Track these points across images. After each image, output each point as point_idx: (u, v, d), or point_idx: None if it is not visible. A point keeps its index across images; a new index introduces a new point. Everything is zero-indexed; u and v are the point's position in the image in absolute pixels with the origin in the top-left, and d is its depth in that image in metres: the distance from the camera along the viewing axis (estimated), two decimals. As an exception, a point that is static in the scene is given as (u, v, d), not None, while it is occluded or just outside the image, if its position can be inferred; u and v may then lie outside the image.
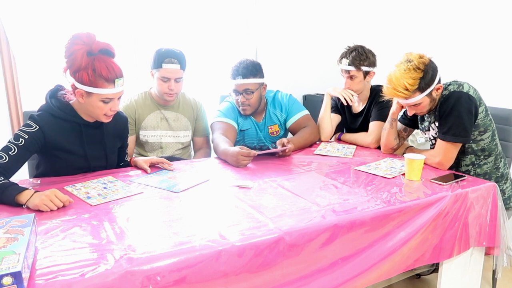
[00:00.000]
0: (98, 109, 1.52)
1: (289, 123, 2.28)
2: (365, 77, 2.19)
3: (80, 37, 1.45)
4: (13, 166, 1.43)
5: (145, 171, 1.70)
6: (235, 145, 2.04)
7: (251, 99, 2.11)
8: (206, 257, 1.04)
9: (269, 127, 2.28)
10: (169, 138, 2.15)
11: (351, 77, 2.18)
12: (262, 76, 2.15)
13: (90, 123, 1.62)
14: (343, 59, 2.17)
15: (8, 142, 1.46)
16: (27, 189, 1.31)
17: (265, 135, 2.29)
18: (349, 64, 2.15)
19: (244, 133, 2.28)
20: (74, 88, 1.51)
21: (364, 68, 2.16)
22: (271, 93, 2.32)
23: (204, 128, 2.27)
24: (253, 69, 2.09)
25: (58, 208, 1.27)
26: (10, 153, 1.43)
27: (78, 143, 1.60)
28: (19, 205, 1.29)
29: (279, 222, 1.21)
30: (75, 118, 1.58)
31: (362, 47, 2.18)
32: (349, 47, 2.20)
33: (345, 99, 2.22)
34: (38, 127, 1.50)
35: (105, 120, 1.58)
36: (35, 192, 1.29)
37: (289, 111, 2.27)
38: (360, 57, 2.13)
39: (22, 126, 1.51)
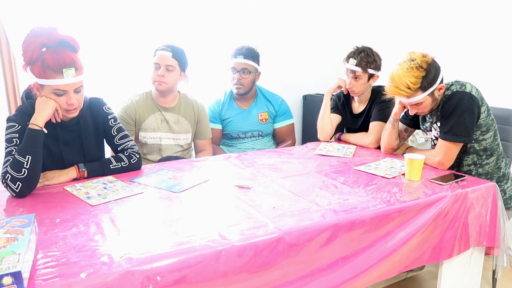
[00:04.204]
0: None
1: (275, 126, 2.53)
2: (369, 79, 2.20)
3: (37, 31, 1.42)
4: None
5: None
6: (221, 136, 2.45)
7: (246, 79, 2.35)
8: (206, 257, 1.04)
9: (259, 114, 2.45)
10: (168, 141, 2.14)
11: (355, 78, 2.18)
12: (259, 64, 2.40)
13: (66, 122, 1.58)
14: (351, 58, 2.16)
15: (7, 148, 1.44)
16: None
17: (254, 121, 2.43)
18: (356, 65, 2.14)
19: (226, 122, 2.44)
20: (34, 83, 1.48)
21: (370, 71, 2.16)
22: (264, 89, 2.55)
23: (206, 131, 2.27)
24: (254, 54, 2.36)
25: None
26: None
27: (54, 143, 1.57)
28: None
29: (279, 222, 1.21)
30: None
31: (371, 49, 2.18)
32: (357, 47, 2.19)
33: (345, 88, 2.26)
34: (20, 125, 1.48)
35: (69, 115, 1.53)
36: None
37: (280, 113, 2.51)
38: (368, 59, 2.13)
39: (6, 129, 1.48)
